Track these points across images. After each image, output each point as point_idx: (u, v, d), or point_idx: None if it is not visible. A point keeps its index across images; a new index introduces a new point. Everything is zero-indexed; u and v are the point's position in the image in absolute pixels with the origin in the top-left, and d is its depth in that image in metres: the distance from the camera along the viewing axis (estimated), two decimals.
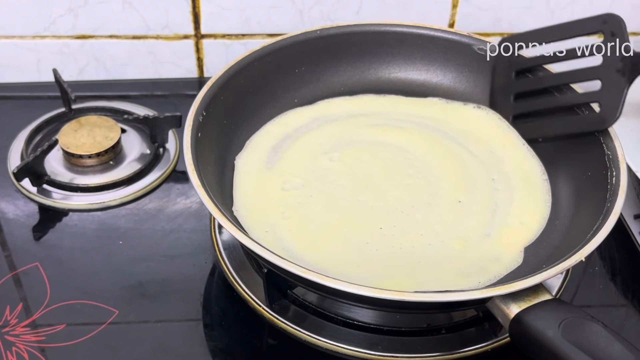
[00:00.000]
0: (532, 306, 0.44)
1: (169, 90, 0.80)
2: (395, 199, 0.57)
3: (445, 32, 0.66)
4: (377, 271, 0.51)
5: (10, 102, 0.79)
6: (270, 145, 0.61)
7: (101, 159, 0.68)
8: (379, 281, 0.49)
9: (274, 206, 0.56)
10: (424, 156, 0.60)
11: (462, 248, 0.53)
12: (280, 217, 0.55)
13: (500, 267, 0.52)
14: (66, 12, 0.76)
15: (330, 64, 0.67)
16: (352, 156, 0.60)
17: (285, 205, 0.56)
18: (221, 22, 0.78)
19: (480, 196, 0.57)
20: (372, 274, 0.51)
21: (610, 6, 0.79)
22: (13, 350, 0.52)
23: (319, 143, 0.61)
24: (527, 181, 0.59)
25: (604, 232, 0.47)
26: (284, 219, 0.55)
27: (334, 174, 0.59)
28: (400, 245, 0.53)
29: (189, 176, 0.50)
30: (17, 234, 0.62)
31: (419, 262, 0.52)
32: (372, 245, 0.53)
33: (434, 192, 0.57)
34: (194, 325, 0.55)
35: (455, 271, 0.52)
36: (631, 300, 0.59)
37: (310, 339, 0.52)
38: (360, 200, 0.56)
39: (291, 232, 0.54)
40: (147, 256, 0.60)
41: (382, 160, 0.60)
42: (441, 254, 0.53)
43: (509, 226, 0.55)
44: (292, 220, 0.55)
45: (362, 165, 0.59)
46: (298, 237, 0.53)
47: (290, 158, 0.60)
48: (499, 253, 0.53)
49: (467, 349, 0.52)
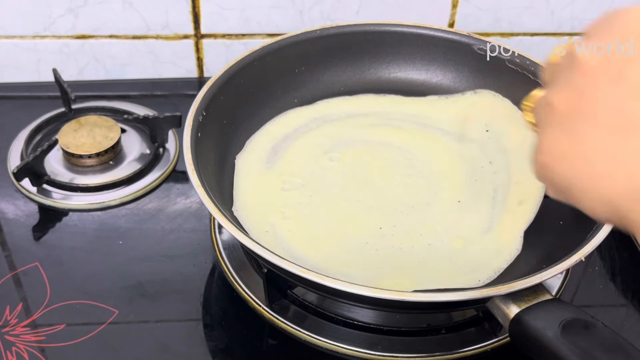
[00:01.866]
0: (532, 306, 0.44)
1: (169, 90, 0.80)
2: (395, 199, 0.57)
3: (445, 32, 0.66)
4: (377, 271, 0.51)
5: (10, 102, 0.79)
6: (270, 145, 0.61)
7: (101, 159, 0.68)
8: (379, 281, 0.49)
9: (274, 206, 0.56)
10: (423, 156, 0.60)
11: (462, 247, 0.53)
12: (280, 217, 0.55)
13: (501, 260, 0.52)
14: (66, 12, 0.76)
15: (330, 64, 0.67)
16: (352, 156, 0.60)
17: (285, 206, 0.56)
18: (221, 22, 0.78)
19: (479, 187, 0.57)
20: (371, 274, 0.51)
21: (610, 6, 0.79)
22: (13, 350, 0.52)
23: (318, 143, 0.61)
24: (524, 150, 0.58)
25: (604, 232, 0.47)
26: (284, 219, 0.55)
27: (334, 174, 0.59)
28: (399, 245, 0.53)
29: (189, 176, 0.50)
30: (17, 234, 0.62)
31: (418, 262, 0.52)
32: (371, 245, 0.53)
33: (434, 192, 0.57)
34: (194, 325, 0.55)
35: (455, 270, 0.52)
36: (631, 300, 0.59)
37: (310, 339, 0.52)
38: (360, 200, 0.56)
39: (291, 232, 0.54)
40: (147, 256, 0.60)
41: (382, 160, 0.60)
42: (441, 253, 0.53)
43: (508, 211, 0.55)
44: (292, 221, 0.55)
45: (362, 165, 0.59)
46: (298, 237, 0.53)
47: (290, 158, 0.60)
48: (498, 245, 0.53)
49: (467, 349, 0.52)
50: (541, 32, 0.81)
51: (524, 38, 0.82)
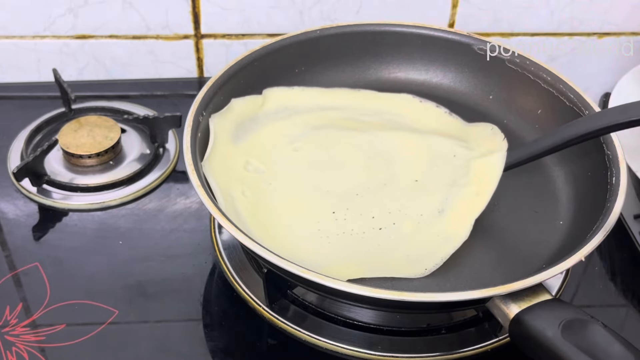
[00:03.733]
0: (532, 306, 0.44)
1: (169, 90, 0.80)
2: (353, 182, 0.57)
3: (445, 32, 0.66)
4: (327, 259, 0.51)
5: (10, 102, 0.79)
6: (240, 120, 0.60)
7: (101, 159, 0.68)
8: (325, 269, 0.47)
9: (236, 181, 0.55)
10: (388, 143, 0.60)
11: (412, 231, 0.53)
12: (240, 193, 0.54)
13: (449, 247, 0.52)
14: (66, 12, 0.76)
15: (330, 64, 0.67)
16: (315, 145, 0.60)
17: (245, 184, 0.55)
18: (221, 22, 0.78)
19: (438, 172, 0.57)
20: (321, 262, 0.50)
21: (610, 6, 0.79)
22: (13, 350, 0.52)
23: (285, 134, 0.61)
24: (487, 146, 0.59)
25: (604, 232, 0.47)
26: (244, 196, 0.54)
27: (296, 164, 0.58)
28: (350, 230, 0.53)
29: (189, 176, 0.50)
30: (17, 234, 0.62)
31: (367, 250, 0.52)
32: (323, 231, 0.53)
33: (392, 173, 0.57)
34: (194, 325, 0.55)
35: (403, 258, 0.52)
36: (631, 300, 0.59)
37: (310, 339, 0.52)
38: (318, 187, 0.56)
39: (247, 211, 0.53)
40: (147, 256, 0.60)
41: (345, 147, 0.60)
42: (390, 240, 0.53)
43: (464, 198, 0.55)
44: (249, 200, 0.54)
45: (324, 154, 0.59)
46: (254, 219, 0.53)
47: (256, 142, 0.59)
48: (449, 231, 0.53)
49: (467, 349, 0.52)
50: (541, 32, 0.81)
51: (524, 38, 0.82)
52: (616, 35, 0.82)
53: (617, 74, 0.73)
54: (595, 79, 0.84)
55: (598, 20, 0.80)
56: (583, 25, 0.81)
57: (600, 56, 0.83)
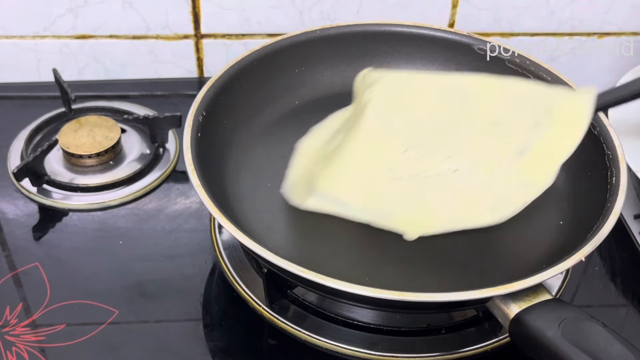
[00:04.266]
0: (532, 306, 0.44)
1: (169, 90, 0.80)
2: (427, 121, 0.53)
3: (445, 32, 0.66)
4: (400, 208, 0.49)
5: (10, 102, 0.79)
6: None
7: (101, 159, 0.68)
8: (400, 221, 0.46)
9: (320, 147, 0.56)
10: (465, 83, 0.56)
11: (490, 173, 0.50)
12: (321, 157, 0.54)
13: (531, 192, 0.49)
14: (66, 12, 0.76)
15: (330, 64, 0.67)
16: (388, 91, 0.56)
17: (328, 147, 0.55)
18: (221, 22, 0.78)
19: (519, 113, 0.52)
20: (394, 212, 0.49)
21: (610, 6, 0.79)
22: (13, 350, 0.52)
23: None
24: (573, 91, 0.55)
25: (604, 232, 0.47)
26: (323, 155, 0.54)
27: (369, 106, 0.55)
28: (425, 173, 0.50)
29: (189, 176, 0.50)
30: (17, 234, 0.62)
31: (441, 197, 0.49)
32: (395, 172, 0.50)
33: (469, 114, 0.53)
34: (194, 325, 0.55)
35: (480, 204, 0.50)
36: (631, 300, 0.59)
37: (310, 339, 0.52)
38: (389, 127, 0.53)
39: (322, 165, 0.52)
40: (147, 256, 0.60)
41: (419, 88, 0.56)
42: (467, 184, 0.50)
43: (548, 141, 0.50)
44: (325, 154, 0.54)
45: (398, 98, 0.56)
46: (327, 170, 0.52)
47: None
48: (530, 174, 0.50)
49: (467, 349, 0.52)
50: (541, 32, 0.81)
51: (524, 38, 0.82)
52: (616, 35, 0.82)
53: (617, 74, 0.73)
54: (595, 79, 0.84)
55: (598, 20, 0.80)
56: (583, 25, 0.81)
57: (600, 56, 0.84)
